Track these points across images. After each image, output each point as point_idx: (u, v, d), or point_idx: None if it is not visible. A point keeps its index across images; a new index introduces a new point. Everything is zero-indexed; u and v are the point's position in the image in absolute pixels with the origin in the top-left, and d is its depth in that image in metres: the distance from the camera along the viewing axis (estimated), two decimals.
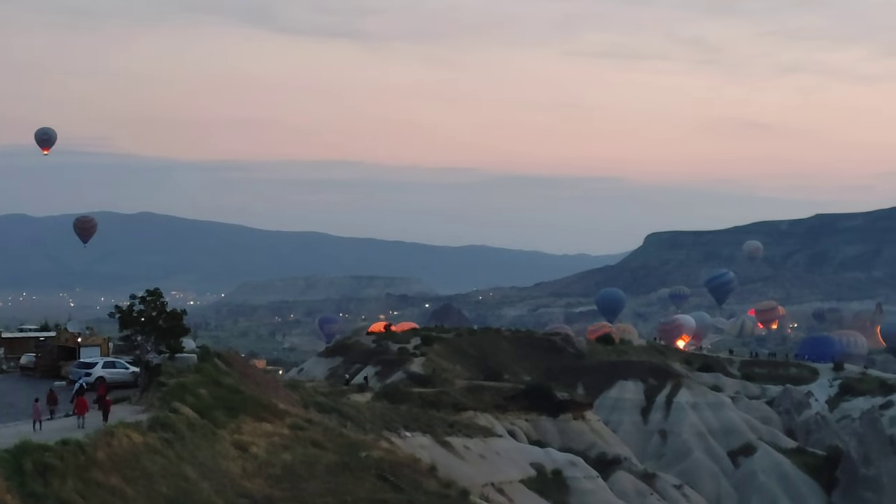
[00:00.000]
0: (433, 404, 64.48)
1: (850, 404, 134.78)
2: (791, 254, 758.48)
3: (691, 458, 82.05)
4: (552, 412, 70.68)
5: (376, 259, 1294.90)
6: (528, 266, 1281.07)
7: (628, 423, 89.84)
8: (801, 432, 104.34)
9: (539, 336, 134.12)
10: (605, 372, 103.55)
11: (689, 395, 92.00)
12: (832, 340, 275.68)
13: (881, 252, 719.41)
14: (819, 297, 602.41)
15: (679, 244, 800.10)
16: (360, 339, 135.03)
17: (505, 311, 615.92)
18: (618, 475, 60.16)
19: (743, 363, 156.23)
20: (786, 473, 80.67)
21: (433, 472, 40.90)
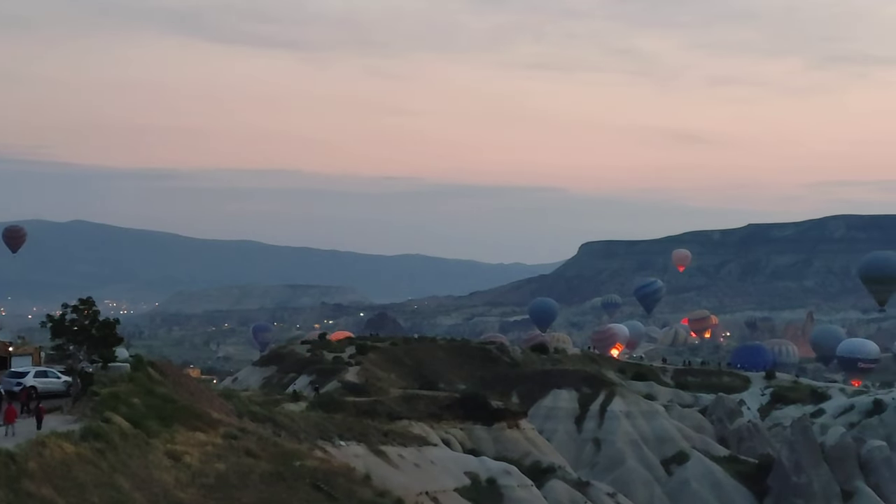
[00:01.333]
0: (368, 413, 64.45)
1: (782, 412, 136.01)
2: (724, 263, 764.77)
3: (625, 467, 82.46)
4: (487, 421, 70.83)
5: (311, 268, 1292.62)
6: (464, 275, 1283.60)
7: (562, 431, 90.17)
8: (733, 440, 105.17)
9: (474, 345, 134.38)
10: (539, 381, 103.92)
11: (622, 404, 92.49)
12: (764, 349, 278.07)
13: (812, 262, 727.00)
14: (751, 306, 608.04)
15: (613, 254, 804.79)
16: (294, 348, 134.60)
17: (440, 320, 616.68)
18: (552, 484, 60.33)
19: (676, 372, 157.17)
20: (718, 481, 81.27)
21: (367, 481, 40.90)
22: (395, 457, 49.33)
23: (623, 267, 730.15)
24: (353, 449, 47.41)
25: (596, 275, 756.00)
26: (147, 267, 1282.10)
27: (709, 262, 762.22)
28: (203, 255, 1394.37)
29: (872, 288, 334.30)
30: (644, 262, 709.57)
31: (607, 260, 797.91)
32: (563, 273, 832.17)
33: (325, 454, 43.70)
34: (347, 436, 49.21)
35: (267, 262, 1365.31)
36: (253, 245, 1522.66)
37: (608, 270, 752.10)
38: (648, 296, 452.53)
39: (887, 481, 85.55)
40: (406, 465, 49.14)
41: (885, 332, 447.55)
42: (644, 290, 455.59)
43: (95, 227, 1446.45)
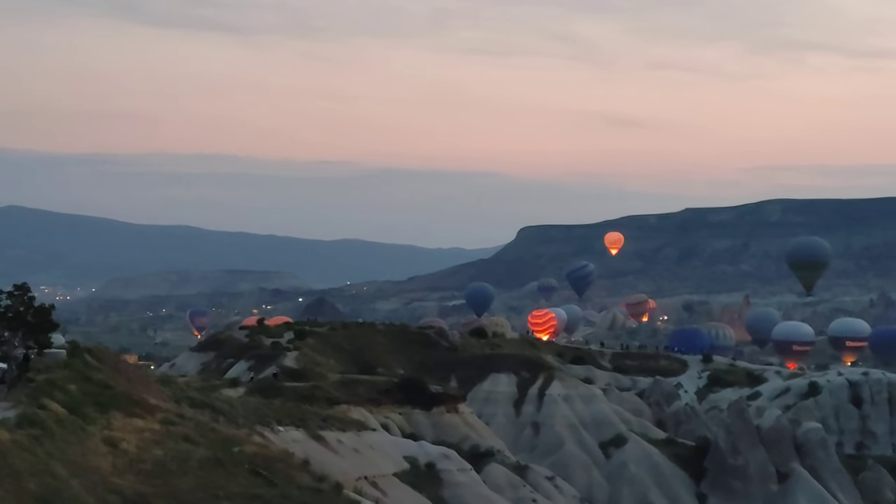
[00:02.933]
0: (306, 398, 64.32)
1: (719, 395, 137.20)
2: (661, 248, 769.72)
3: (563, 450, 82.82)
4: (426, 405, 70.91)
5: (250, 253, 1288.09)
6: (402, 260, 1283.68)
7: (501, 415, 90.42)
8: (670, 423, 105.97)
9: (413, 330, 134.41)
10: (478, 365, 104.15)
11: (561, 388, 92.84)
12: (701, 333, 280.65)
13: (749, 246, 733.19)
14: (688, 290, 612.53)
15: (551, 238, 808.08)
16: (232, 333, 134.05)
17: (379, 304, 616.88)
18: (491, 467, 60.48)
19: (614, 355, 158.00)
20: (656, 464, 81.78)
21: (306, 466, 40.82)
22: (334, 442, 49.22)
23: (561, 251, 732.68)
24: (291, 434, 47.25)
25: (534, 259, 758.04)
26: (83, 252, 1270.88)
27: (646, 247, 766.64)
28: (140, 241, 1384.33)
29: (800, 273, 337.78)
30: (582, 246, 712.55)
31: (545, 244, 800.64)
32: (501, 257, 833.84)
33: (263, 440, 43.56)
34: (286, 421, 49.05)
35: (205, 248, 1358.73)
36: (191, 230, 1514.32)
37: (546, 255, 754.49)
38: (580, 279, 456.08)
39: (822, 463, 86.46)
40: (345, 450, 49.05)
41: (820, 316, 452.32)
42: (576, 273, 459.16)
43: (30, 212, 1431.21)
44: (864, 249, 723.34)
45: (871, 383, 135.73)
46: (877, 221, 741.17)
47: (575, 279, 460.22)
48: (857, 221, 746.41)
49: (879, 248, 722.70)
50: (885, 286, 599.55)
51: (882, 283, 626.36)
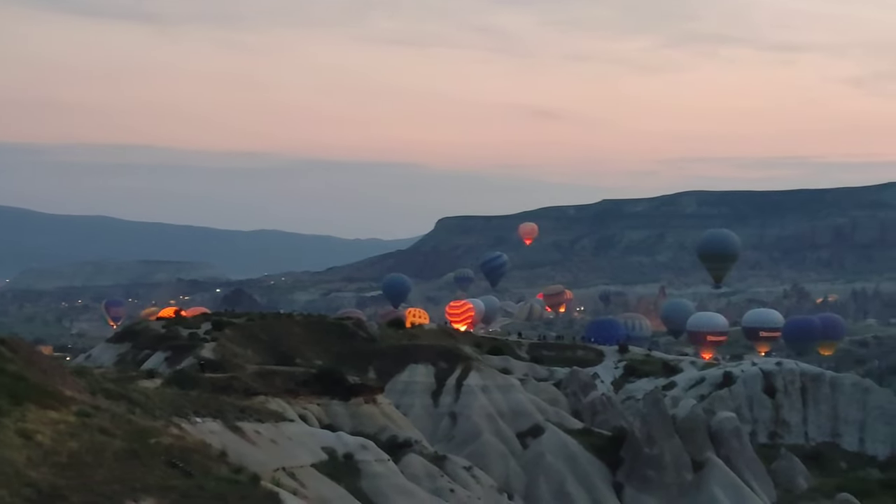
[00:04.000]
0: (224, 390, 64.03)
1: (635, 385, 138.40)
2: (578, 238, 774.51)
3: (481, 440, 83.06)
4: (344, 396, 70.81)
5: (166, 244, 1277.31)
6: (320, 251, 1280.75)
7: (419, 406, 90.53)
8: (587, 413, 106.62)
9: (331, 321, 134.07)
10: (396, 356, 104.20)
11: (478, 378, 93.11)
12: (617, 323, 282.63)
13: (665, 237, 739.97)
14: (605, 280, 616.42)
15: (470, 229, 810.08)
16: (149, 324, 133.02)
17: (297, 295, 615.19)
18: (409, 458, 60.58)
19: (531, 346, 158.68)
20: (573, 454, 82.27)
21: (224, 457, 40.66)
22: (252, 433, 49.07)
23: (479, 242, 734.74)
24: (208, 426, 47.03)
25: (452, 250, 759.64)
26: None
27: (563, 238, 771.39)
28: (56, 231, 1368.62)
29: (709, 265, 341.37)
30: (500, 237, 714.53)
31: (464, 235, 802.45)
32: (419, 248, 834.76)
33: (180, 431, 43.32)
34: (203, 412, 48.81)
35: (121, 238, 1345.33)
36: (107, 221, 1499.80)
37: (465, 245, 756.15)
38: (494, 270, 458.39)
39: (736, 452, 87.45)
40: (263, 441, 48.91)
41: (734, 307, 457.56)
42: (490, 264, 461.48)
43: None
44: (778, 241, 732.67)
45: (785, 373, 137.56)
46: (790, 213, 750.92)
47: (489, 270, 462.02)
48: (771, 213, 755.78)
49: (793, 239, 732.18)
50: (798, 277, 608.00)
51: (795, 274, 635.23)
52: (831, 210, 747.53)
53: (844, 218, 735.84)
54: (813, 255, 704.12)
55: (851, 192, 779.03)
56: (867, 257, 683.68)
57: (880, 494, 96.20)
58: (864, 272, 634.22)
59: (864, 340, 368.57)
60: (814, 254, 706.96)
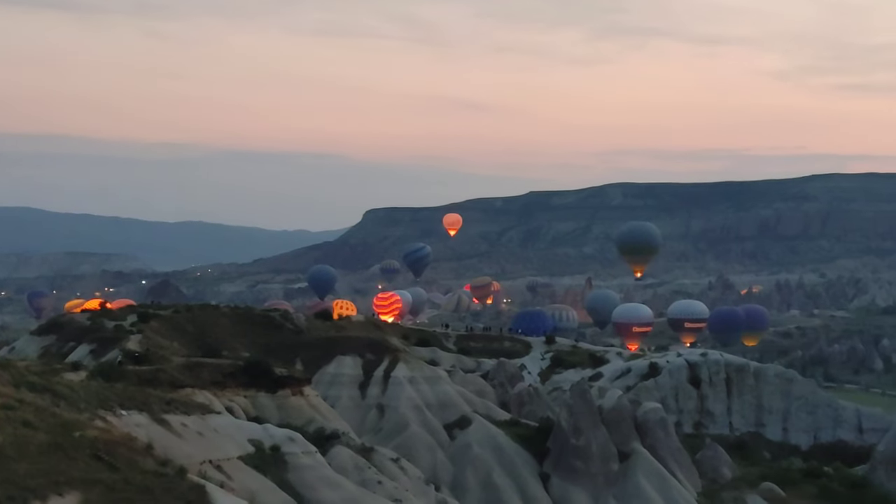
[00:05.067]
0: (150, 382, 63.64)
1: (561, 376, 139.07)
2: (505, 230, 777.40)
3: (408, 432, 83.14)
4: (271, 388, 70.55)
5: (91, 235, 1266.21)
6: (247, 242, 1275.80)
7: (346, 398, 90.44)
8: (514, 404, 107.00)
9: (258, 312, 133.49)
10: (323, 347, 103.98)
11: (406, 370, 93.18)
12: (544, 315, 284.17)
13: (591, 229, 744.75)
14: (532, 272, 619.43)
15: (397, 221, 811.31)
16: (74, 316, 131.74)
17: (224, 287, 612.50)
18: (336, 450, 60.48)
19: (459, 337, 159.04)
20: (500, 445, 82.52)
21: (149, 450, 40.43)
22: (178, 425, 48.78)
23: (407, 234, 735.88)
24: (134, 418, 46.70)
25: (380, 241, 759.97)
26: None
27: (491, 229, 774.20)
28: None
29: (629, 258, 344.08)
30: (427, 229, 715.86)
31: (391, 227, 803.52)
32: (347, 240, 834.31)
33: (105, 424, 42.99)
34: (129, 405, 48.46)
35: (46, 229, 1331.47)
36: (31, 212, 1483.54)
37: (392, 237, 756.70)
38: (417, 261, 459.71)
39: (662, 442, 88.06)
40: (189, 433, 48.63)
41: (660, 298, 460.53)
42: (413, 255, 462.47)
43: None
44: (703, 233, 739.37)
45: (710, 364, 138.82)
46: (715, 205, 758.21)
47: (412, 261, 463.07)
48: (697, 205, 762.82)
49: (718, 231, 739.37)
50: (723, 269, 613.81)
51: (720, 265, 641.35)
52: (756, 202, 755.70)
53: (769, 210, 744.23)
54: (738, 247, 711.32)
55: (776, 184, 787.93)
56: (791, 249, 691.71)
57: (803, 483, 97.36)
58: (788, 264, 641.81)
59: (787, 331, 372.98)
60: (739, 245, 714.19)
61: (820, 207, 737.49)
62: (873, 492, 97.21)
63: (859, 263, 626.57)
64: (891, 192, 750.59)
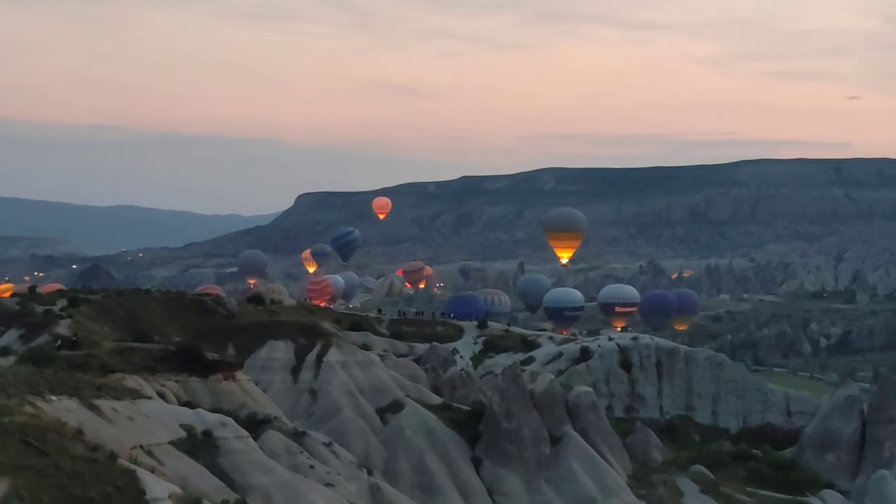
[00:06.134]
0: (80, 367, 63.17)
1: (494, 360, 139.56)
2: (438, 215, 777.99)
3: (341, 416, 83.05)
4: (202, 373, 70.21)
5: (20, 219, 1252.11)
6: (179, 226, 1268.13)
7: (278, 382, 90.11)
8: (446, 389, 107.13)
9: (189, 297, 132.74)
10: (255, 332, 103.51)
11: (338, 354, 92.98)
12: (477, 299, 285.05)
13: (523, 213, 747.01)
14: (465, 257, 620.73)
15: (330, 205, 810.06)
16: (2, 301, 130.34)
17: (155, 271, 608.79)
18: (268, 434, 60.39)
19: (391, 322, 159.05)
20: (432, 429, 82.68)
21: (80, 435, 40.21)
22: (109, 411, 48.53)
23: (339, 218, 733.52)
24: (64, 403, 46.39)
25: (312, 226, 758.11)
26: None
27: (424, 214, 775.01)
28: None
29: (555, 243, 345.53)
30: (359, 213, 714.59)
31: (324, 211, 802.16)
32: (279, 224, 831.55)
33: (35, 409, 42.70)
34: (59, 390, 48.12)
35: None
36: None
37: (325, 221, 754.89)
38: (346, 245, 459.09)
39: (593, 426, 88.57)
40: (120, 418, 48.40)
41: (591, 282, 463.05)
42: (341, 239, 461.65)
43: None
44: (634, 218, 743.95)
45: (640, 348, 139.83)
46: (646, 190, 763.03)
47: (340, 245, 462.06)
48: (628, 190, 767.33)
49: (649, 216, 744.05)
50: (654, 253, 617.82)
51: (651, 250, 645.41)
52: (686, 187, 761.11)
53: (699, 195, 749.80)
54: (668, 232, 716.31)
55: (706, 169, 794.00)
56: (721, 234, 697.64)
57: (732, 466, 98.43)
58: (717, 248, 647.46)
59: (717, 315, 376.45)
60: (669, 230, 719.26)
61: (750, 193, 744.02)
62: (801, 474, 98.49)
63: (788, 248, 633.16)
64: (820, 177, 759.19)
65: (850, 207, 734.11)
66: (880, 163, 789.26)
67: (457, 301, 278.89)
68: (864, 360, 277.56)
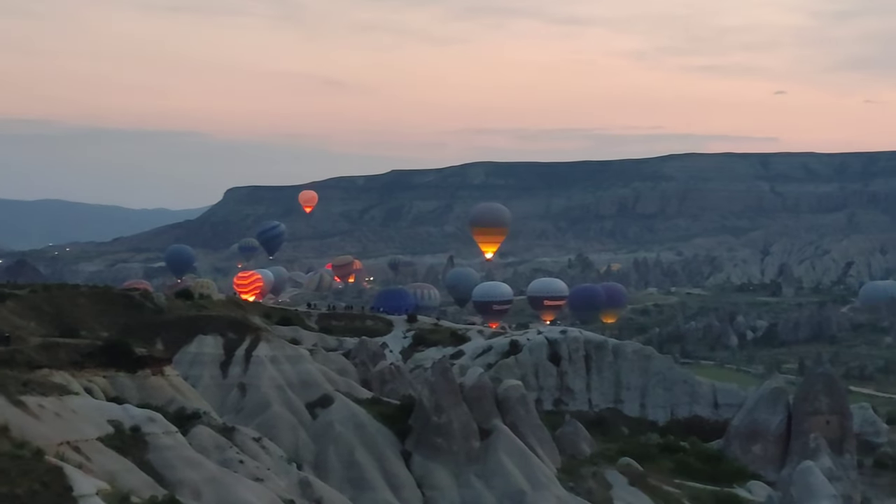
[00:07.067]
0: (6, 363, 62.59)
1: (423, 354, 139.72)
2: (367, 209, 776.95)
3: (270, 411, 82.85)
4: (130, 368, 69.77)
5: None
6: (107, 221, 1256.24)
7: (207, 377, 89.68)
8: (376, 383, 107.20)
9: (117, 291, 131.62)
10: (184, 327, 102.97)
11: (267, 349, 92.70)
12: (406, 293, 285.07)
13: (453, 207, 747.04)
14: (394, 251, 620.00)
15: (259, 199, 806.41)
16: None
17: (82, 266, 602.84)
18: (197, 430, 60.17)
19: (321, 316, 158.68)
20: (362, 423, 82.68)
21: (6, 432, 39.99)
22: (35, 407, 48.18)
23: (269, 212, 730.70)
24: None
25: (241, 220, 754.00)
26: None
27: (353, 208, 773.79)
28: None
29: (480, 238, 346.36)
30: (289, 207, 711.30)
31: (253, 205, 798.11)
32: (208, 218, 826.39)
33: None
34: None
35: None
36: None
37: (254, 215, 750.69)
38: (271, 239, 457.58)
39: (522, 419, 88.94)
40: (46, 414, 48.08)
41: (520, 276, 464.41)
42: (267, 233, 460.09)
43: None
44: (563, 211, 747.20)
45: (569, 341, 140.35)
46: (575, 184, 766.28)
47: (266, 239, 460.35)
48: (557, 184, 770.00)
49: (578, 210, 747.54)
50: (582, 247, 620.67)
51: (580, 244, 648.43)
52: (614, 181, 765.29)
53: (627, 189, 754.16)
54: (597, 226, 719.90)
55: (634, 164, 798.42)
56: (649, 228, 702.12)
57: (660, 458, 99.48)
58: (645, 242, 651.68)
59: (645, 309, 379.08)
60: (598, 224, 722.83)
61: (677, 187, 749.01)
62: (728, 465, 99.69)
63: (715, 242, 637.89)
64: (746, 171, 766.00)
65: (776, 201, 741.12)
66: (806, 157, 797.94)
67: (386, 295, 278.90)
68: (790, 352, 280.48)
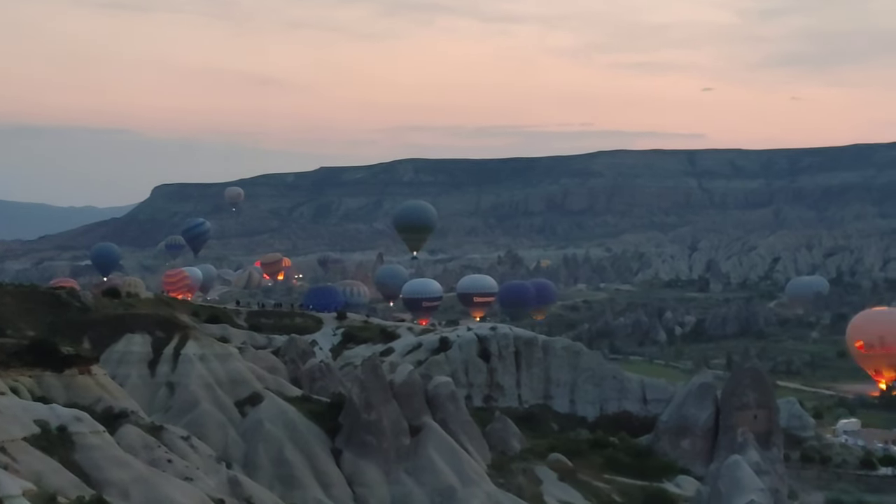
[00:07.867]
0: None
1: (353, 352, 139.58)
2: (297, 206, 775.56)
3: (199, 410, 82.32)
4: (57, 367, 69.10)
5: None
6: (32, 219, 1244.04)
7: (135, 376, 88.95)
8: (305, 380, 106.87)
9: (43, 290, 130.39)
10: (111, 325, 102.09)
11: (196, 347, 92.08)
12: (336, 290, 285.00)
13: (382, 204, 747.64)
14: (324, 248, 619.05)
15: (187, 196, 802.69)
16: None
17: (8, 264, 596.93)
18: (125, 429, 59.71)
19: (250, 314, 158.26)
20: (291, 421, 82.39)
21: None
22: None
23: (197, 209, 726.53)
24: None
25: (169, 218, 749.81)
26: None
27: (282, 205, 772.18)
28: None
29: (405, 236, 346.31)
30: (217, 204, 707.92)
31: (181, 203, 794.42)
32: (135, 216, 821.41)
33: None
34: None
35: None
36: None
37: (182, 213, 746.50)
38: (196, 237, 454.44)
39: (452, 415, 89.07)
40: None
41: (450, 273, 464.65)
42: (192, 231, 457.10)
43: None
44: (493, 208, 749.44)
45: (499, 338, 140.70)
46: (505, 181, 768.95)
47: (191, 237, 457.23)
48: (487, 181, 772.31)
49: (507, 206, 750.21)
50: (512, 243, 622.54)
51: (509, 240, 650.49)
52: (543, 178, 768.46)
53: (556, 186, 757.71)
54: (526, 222, 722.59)
55: (563, 160, 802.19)
56: (578, 224, 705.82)
57: (590, 454, 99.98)
58: (574, 239, 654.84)
59: (574, 305, 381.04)
60: (527, 221, 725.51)
61: (606, 183, 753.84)
62: (657, 461, 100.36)
63: (643, 238, 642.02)
64: (674, 168, 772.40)
65: (703, 197, 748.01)
66: (733, 153, 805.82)
67: (316, 292, 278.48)
68: (718, 347, 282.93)
